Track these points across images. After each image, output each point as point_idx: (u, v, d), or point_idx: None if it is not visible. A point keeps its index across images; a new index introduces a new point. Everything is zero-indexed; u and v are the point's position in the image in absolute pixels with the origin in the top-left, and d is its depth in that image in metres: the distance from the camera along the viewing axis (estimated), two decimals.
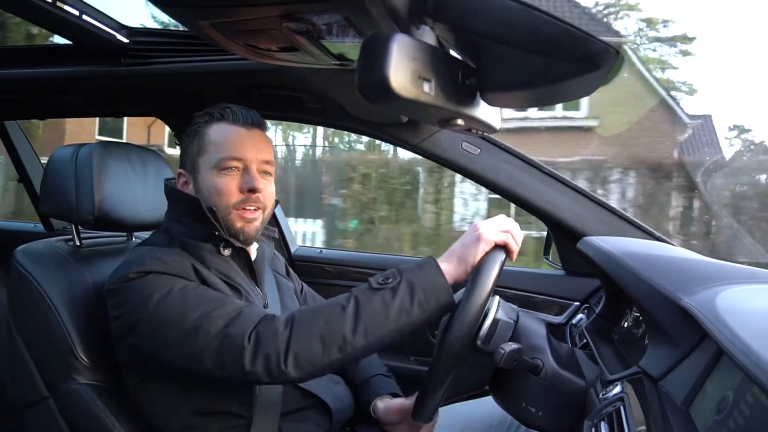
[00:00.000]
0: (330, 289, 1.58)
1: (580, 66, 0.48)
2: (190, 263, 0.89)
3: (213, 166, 0.92)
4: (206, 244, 0.93)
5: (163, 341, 0.82)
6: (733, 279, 0.71)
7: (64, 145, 1.07)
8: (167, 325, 0.81)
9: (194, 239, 0.93)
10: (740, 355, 0.46)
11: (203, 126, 0.95)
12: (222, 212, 0.92)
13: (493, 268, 0.79)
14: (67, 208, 1.02)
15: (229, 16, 0.62)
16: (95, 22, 1.12)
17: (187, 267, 0.88)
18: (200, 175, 0.93)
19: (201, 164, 0.93)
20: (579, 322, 1.21)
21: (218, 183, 0.92)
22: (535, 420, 0.86)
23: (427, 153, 1.30)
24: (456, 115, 0.59)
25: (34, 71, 1.31)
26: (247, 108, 0.98)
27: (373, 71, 0.46)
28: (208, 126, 0.94)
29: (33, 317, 0.96)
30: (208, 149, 0.93)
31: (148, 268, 0.85)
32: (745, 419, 0.47)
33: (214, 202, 0.92)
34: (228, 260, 0.95)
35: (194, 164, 0.94)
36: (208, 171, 0.92)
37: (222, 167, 0.92)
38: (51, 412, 0.95)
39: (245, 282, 0.96)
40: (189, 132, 0.96)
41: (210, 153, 0.92)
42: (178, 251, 0.91)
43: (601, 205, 1.25)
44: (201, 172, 0.93)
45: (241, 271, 0.97)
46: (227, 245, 0.94)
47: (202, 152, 0.93)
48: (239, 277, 0.95)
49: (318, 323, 0.78)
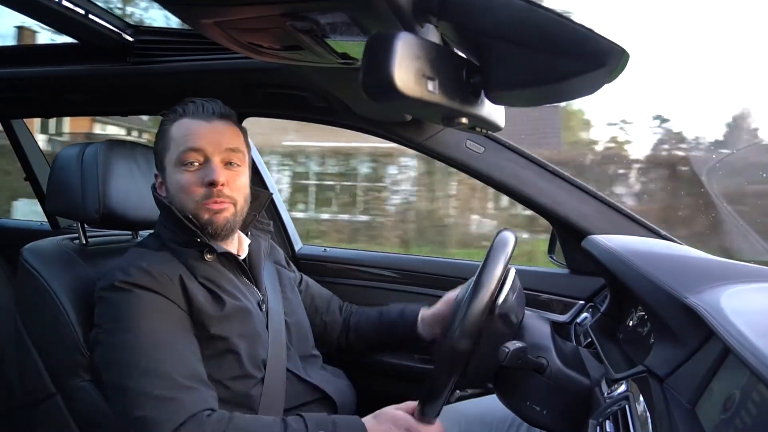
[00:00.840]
0: (334, 287, 1.58)
1: (586, 64, 0.48)
2: (178, 275, 0.89)
3: (174, 162, 0.91)
4: (190, 249, 0.93)
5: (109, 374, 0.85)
6: (738, 277, 0.70)
7: (70, 144, 1.07)
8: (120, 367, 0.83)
9: (179, 245, 0.93)
10: (746, 354, 0.46)
11: (168, 124, 0.94)
12: (189, 208, 0.90)
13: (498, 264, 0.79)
14: (73, 207, 1.03)
15: (233, 14, 0.62)
16: (101, 21, 1.12)
17: (174, 280, 0.88)
18: (166, 173, 0.93)
19: (166, 162, 0.93)
20: (584, 320, 1.21)
21: (180, 179, 0.90)
22: (540, 419, 0.85)
23: (432, 151, 1.30)
24: (460, 113, 0.58)
25: (40, 70, 1.32)
26: (211, 99, 0.96)
27: (377, 70, 0.46)
28: (172, 123, 0.93)
29: (40, 315, 0.97)
30: (170, 146, 0.92)
31: (133, 279, 0.86)
32: (751, 418, 0.46)
33: (179, 199, 0.91)
34: (214, 265, 0.94)
35: (162, 163, 0.94)
36: (172, 168, 0.92)
37: (182, 162, 0.90)
38: (58, 408, 0.95)
39: (236, 285, 0.96)
40: (158, 132, 0.96)
41: (172, 149, 0.92)
42: (168, 257, 0.92)
43: (605, 204, 1.24)
44: (167, 170, 0.93)
45: (231, 274, 0.97)
46: (211, 251, 0.93)
47: (165, 150, 0.93)
48: (227, 281, 0.95)
49: None
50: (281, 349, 0.99)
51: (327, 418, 0.86)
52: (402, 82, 0.46)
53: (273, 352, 0.97)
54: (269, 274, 1.08)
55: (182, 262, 0.92)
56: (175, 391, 0.80)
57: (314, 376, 1.03)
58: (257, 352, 0.94)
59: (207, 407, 0.81)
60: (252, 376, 0.93)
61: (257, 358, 0.94)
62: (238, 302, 0.93)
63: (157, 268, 0.88)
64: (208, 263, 0.94)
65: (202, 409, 0.80)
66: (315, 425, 0.83)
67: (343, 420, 0.86)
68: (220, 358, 0.90)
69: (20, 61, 1.33)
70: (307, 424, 0.83)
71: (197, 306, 0.88)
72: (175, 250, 0.93)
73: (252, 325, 0.94)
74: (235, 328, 0.91)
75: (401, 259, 1.60)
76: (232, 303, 0.92)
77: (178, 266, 0.90)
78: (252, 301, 0.97)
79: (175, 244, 0.93)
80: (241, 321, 0.93)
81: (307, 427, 0.82)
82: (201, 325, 0.89)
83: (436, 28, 0.60)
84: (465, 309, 0.78)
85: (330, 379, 1.06)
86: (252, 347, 0.93)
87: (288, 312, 1.07)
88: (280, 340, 1.00)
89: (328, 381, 1.04)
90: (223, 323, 0.90)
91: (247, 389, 0.92)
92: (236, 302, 0.93)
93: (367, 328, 1.19)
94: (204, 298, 0.89)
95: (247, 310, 0.94)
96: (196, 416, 0.79)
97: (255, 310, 0.97)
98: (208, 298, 0.90)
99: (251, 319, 0.95)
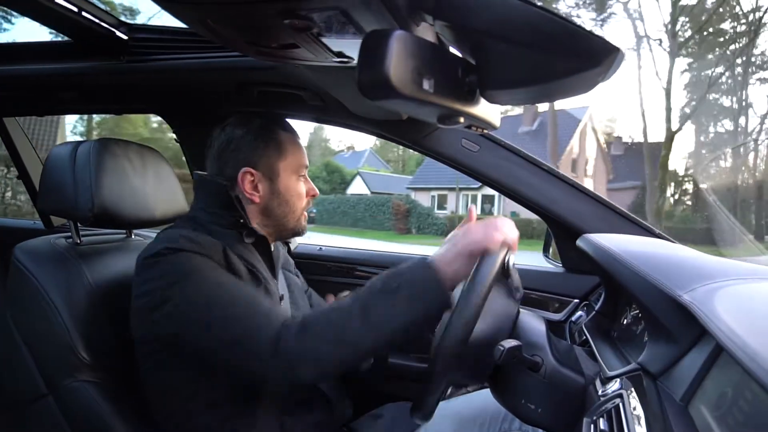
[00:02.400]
0: (329, 285, 1.58)
1: (580, 63, 0.48)
2: (221, 247, 0.91)
3: (293, 171, 1.01)
4: (231, 231, 0.96)
5: (192, 321, 0.82)
6: (732, 276, 0.71)
7: (63, 143, 1.06)
8: (200, 306, 0.82)
9: (220, 226, 0.95)
10: (739, 352, 0.46)
11: (275, 131, 1.00)
12: (296, 212, 1.03)
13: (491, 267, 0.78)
14: (66, 205, 1.02)
15: (229, 13, 0.62)
16: (95, 19, 1.11)
17: (218, 249, 0.90)
18: (281, 178, 1.00)
19: (281, 168, 1.00)
20: (578, 319, 1.22)
21: (297, 187, 1.02)
22: (535, 417, 0.86)
23: (427, 150, 1.30)
24: (456, 112, 0.59)
25: (34, 68, 1.30)
26: None
27: (373, 68, 0.46)
28: (279, 132, 1.01)
29: (32, 315, 0.96)
30: (287, 155, 1.00)
31: (181, 245, 0.86)
32: (744, 416, 0.47)
33: (292, 203, 1.02)
34: (251, 248, 0.98)
35: (272, 167, 0.99)
36: (288, 174, 1.01)
37: (299, 173, 1.03)
38: (50, 409, 0.95)
39: (265, 272, 0.99)
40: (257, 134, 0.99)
41: (289, 158, 1.01)
42: (206, 235, 0.93)
43: (600, 202, 1.25)
44: (282, 176, 1.00)
45: (263, 261, 1.00)
46: (250, 233, 0.97)
47: (282, 156, 1.00)
48: (261, 265, 0.98)
49: (329, 328, 0.80)
50: None
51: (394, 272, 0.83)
52: (398, 80, 0.46)
53: None
54: (281, 278, 1.11)
55: (222, 241, 0.93)
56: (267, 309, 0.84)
57: None
58: None
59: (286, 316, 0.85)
60: None
61: None
62: (269, 285, 0.96)
63: (201, 239, 0.90)
64: (246, 246, 0.97)
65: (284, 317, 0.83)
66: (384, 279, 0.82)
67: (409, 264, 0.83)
68: None
69: (13, 58, 1.32)
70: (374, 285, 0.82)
71: (238, 274, 0.90)
72: (215, 232, 0.94)
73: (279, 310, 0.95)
74: None
75: (397, 257, 1.60)
76: (265, 284, 0.95)
77: (218, 242, 0.92)
78: (276, 294, 1.00)
79: (217, 226, 0.95)
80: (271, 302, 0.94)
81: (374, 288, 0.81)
82: None
83: (432, 27, 0.60)
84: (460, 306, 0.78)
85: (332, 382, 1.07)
86: None
87: (294, 315, 1.07)
88: None
89: (329, 384, 1.05)
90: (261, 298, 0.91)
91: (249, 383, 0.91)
92: (268, 285, 0.96)
93: None
94: (244, 273, 0.92)
95: (275, 294, 0.98)
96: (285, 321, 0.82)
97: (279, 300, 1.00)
98: (247, 274, 0.92)
99: (277, 304, 0.98)
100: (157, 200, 1.12)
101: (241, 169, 0.98)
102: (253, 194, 0.99)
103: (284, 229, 1.04)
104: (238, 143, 0.99)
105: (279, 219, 1.02)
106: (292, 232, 1.05)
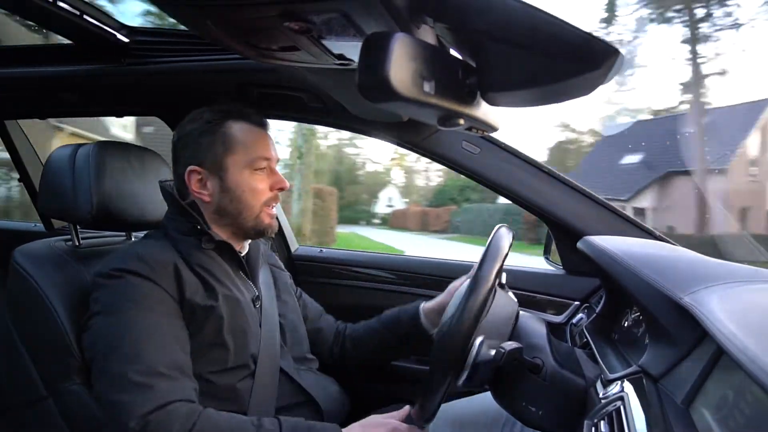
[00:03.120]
0: (330, 288, 1.58)
1: (581, 65, 0.48)
2: (173, 262, 0.90)
3: (245, 165, 0.96)
4: (189, 237, 0.95)
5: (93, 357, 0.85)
6: (733, 278, 0.71)
7: (62, 145, 1.07)
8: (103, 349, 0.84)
9: (179, 233, 0.95)
10: (740, 355, 0.46)
11: (221, 124, 0.96)
12: (253, 210, 0.97)
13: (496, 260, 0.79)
14: (66, 208, 1.02)
15: (230, 15, 0.62)
16: (95, 22, 1.11)
17: (168, 267, 0.89)
18: (230, 174, 0.95)
19: (230, 163, 0.95)
20: (579, 321, 1.21)
21: (251, 182, 0.96)
22: (535, 419, 0.86)
23: (428, 152, 1.30)
24: (456, 114, 0.59)
25: (35, 70, 1.31)
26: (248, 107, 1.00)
27: (373, 70, 0.46)
28: (228, 125, 0.96)
29: (31, 317, 0.96)
30: (236, 148, 0.95)
31: (127, 266, 0.87)
32: (745, 418, 0.47)
33: (245, 199, 0.96)
34: (212, 255, 0.96)
35: (220, 163, 0.96)
36: (240, 170, 0.95)
37: (255, 167, 0.96)
38: (49, 411, 0.95)
39: (230, 276, 0.97)
40: (202, 129, 0.96)
41: (240, 152, 0.95)
42: (166, 246, 0.93)
43: (601, 205, 1.25)
44: (230, 171, 0.95)
45: (227, 265, 0.98)
46: (209, 239, 0.95)
47: (230, 151, 0.95)
48: (222, 272, 0.96)
49: None
50: (274, 348, 1.00)
51: (303, 423, 0.86)
52: (398, 82, 0.46)
53: (265, 349, 0.97)
54: (265, 276, 1.09)
55: (180, 250, 0.93)
56: (152, 378, 0.80)
57: (305, 379, 1.03)
58: (247, 347, 0.95)
59: (182, 398, 0.81)
60: (239, 370, 0.93)
61: (246, 352, 0.94)
62: (230, 293, 0.94)
63: (152, 256, 0.89)
64: (205, 252, 0.95)
65: (176, 400, 0.80)
66: (290, 428, 0.83)
67: (321, 428, 0.86)
68: (208, 349, 0.90)
69: (14, 61, 1.32)
70: (282, 427, 0.83)
71: (188, 294, 0.89)
72: (175, 239, 0.94)
73: (243, 317, 0.95)
74: (225, 319, 0.92)
75: (397, 259, 1.60)
76: (223, 293, 0.93)
77: (174, 254, 0.92)
78: (246, 296, 0.98)
79: (176, 233, 0.95)
80: (231, 312, 0.93)
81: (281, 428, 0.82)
82: (190, 313, 0.89)
83: (433, 29, 0.60)
84: (461, 306, 0.78)
85: (322, 385, 1.06)
86: (241, 340, 0.94)
87: (282, 313, 1.07)
88: (273, 338, 1.00)
89: (319, 387, 1.04)
90: (213, 313, 0.90)
91: (232, 382, 0.92)
92: (227, 292, 0.94)
93: (366, 334, 1.19)
94: (196, 287, 0.90)
95: (237, 301, 0.95)
96: (168, 406, 0.78)
97: (247, 304, 0.97)
98: (199, 287, 0.91)
99: (242, 310, 0.95)
100: (156, 202, 1.12)
101: (188, 167, 0.96)
102: (201, 193, 0.96)
103: (244, 228, 0.98)
104: (186, 140, 0.97)
105: (234, 218, 0.97)
106: (253, 231, 0.99)
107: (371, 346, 1.17)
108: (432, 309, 1.10)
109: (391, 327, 1.15)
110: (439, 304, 1.09)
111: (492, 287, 0.78)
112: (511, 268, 1.41)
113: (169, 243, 0.94)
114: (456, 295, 0.95)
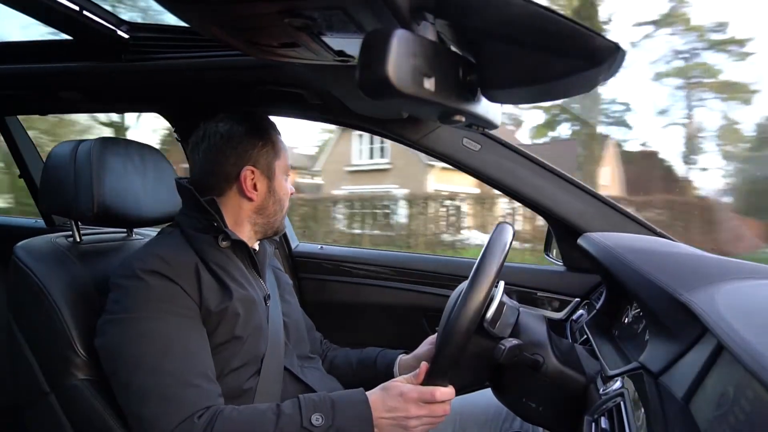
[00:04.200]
0: (330, 284, 1.59)
1: (582, 62, 0.48)
2: (194, 263, 0.90)
3: (283, 171, 1.04)
4: (205, 236, 0.95)
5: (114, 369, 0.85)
6: (733, 275, 0.71)
7: (63, 141, 1.07)
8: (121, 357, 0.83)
9: (196, 231, 0.95)
10: (740, 351, 0.46)
11: (270, 132, 1.02)
12: (284, 212, 1.05)
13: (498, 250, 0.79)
14: (66, 204, 1.02)
15: (230, 12, 0.62)
16: (95, 18, 1.11)
17: (189, 269, 0.89)
18: (277, 178, 1.02)
19: (277, 168, 1.01)
20: (579, 317, 1.22)
21: (286, 186, 1.05)
22: (536, 415, 0.86)
23: (428, 149, 1.30)
24: (456, 111, 0.58)
25: (35, 67, 1.30)
26: None
27: (373, 67, 0.46)
28: (271, 132, 1.02)
29: (33, 313, 0.96)
30: (280, 155, 1.02)
31: (149, 266, 0.87)
32: (745, 415, 0.47)
33: (284, 203, 1.04)
34: (227, 253, 0.97)
35: (271, 167, 1.01)
36: (281, 174, 1.03)
37: (287, 173, 1.05)
38: (52, 408, 0.95)
39: (245, 274, 0.98)
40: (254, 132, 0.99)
41: (281, 159, 1.03)
42: (184, 245, 0.94)
43: (601, 201, 1.25)
44: (277, 175, 1.01)
45: (242, 264, 0.99)
46: (225, 237, 0.96)
47: (277, 157, 1.01)
48: (237, 270, 0.97)
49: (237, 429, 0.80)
50: (279, 346, 1.00)
51: (325, 397, 0.85)
52: (398, 79, 0.46)
53: (271, 347, 0.98)
54: (270, 276, 1.11)
55: (196, 248, 0.93)
56: (178, 389, 0.80)
57: (309, 377, 1.03)
58: (258, 346, 0.95)
59: (208, 405, 0.82)
60: (247, 369, 0.93)
61: (257, 351, 0.95)
62: (246, 292, 0.95)
63: (174, 257, 0.89)
64: (221, 250, 0.96)
65: (202, 408, 0.81)
66: (312, 407, 0.83)
67: (344, 397, 0.85)
68: (221, 348, 0.91)
69: (14, 58, 1.32)
70: (302, 408, 0.82)
71: (206, 295, 0.89)
72: (191, 236, 0.95)
73: (257, 316, 0.96)
74: (240, 318, 0.92)
75: (397, 256, 1.60)
76: (239, 292, 0.93)
77: (193, 255, 0.92)
78: (258, 294, 0.99)
79: (193, 230, 0.96)
80: (246, 311, 0.93)
81: (301, 411, 0.82)
82: (207, 314, 0.89)
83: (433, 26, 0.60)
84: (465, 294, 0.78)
85: (326, 382, 1.07)
86: (254, 339, 0.94)
87: (286, 313, 1.08)
88: (278, 337, 1.01)
89: (323, 384, 1.04)
90: (227, 312, 0.90)
91: (240, 383, 0.92)
92: (244, 291, 0.94)
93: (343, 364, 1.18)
94: (213, 288, 0.91)
95: (253, 300, 0.96)
96: (193, 417, 0.80)
97: (260, 303, 0.98)
98: (216, 287, 0.91)
99: (256, 310, 0.96)
100: (157, 199, 1.12)
101: (244, 166, 0.98)
102: (252, 192, 0.99)
103: (272, 228, 1.05)
104: (239, 140, 0.98)
105: (270, 217, 1.03)
106: (276, 230, 1.06)
107: (345, 377, 1.16)
108: (408, 364, 1.08)
109: (366, 367, 1.15)
110: (415, 358, 1.08)
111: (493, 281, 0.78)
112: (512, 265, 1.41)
113: (186, 241, 0.94)
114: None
